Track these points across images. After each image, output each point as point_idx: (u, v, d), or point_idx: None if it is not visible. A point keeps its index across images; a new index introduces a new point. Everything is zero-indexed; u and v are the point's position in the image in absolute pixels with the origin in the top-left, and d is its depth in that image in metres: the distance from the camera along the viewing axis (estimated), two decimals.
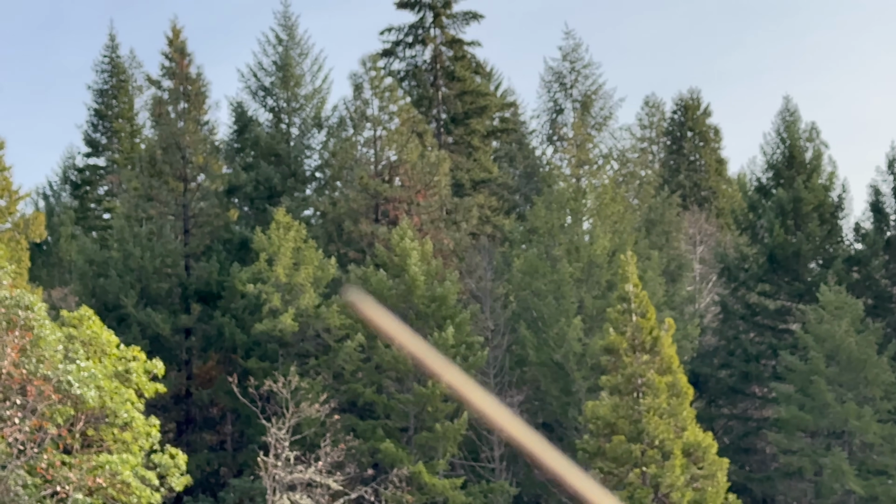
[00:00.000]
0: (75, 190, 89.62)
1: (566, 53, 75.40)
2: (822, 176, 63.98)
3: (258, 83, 70.40)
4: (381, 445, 50.20)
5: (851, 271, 62.32)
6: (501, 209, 72.23)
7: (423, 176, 62.24)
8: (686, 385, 45.19)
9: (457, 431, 50.87)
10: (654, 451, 43.60)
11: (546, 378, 55.35)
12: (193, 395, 58.22)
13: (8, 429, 34.21)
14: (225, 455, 57.80)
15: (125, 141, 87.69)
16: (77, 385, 34.85)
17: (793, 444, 55.28)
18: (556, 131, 75.70)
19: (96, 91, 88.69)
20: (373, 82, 62.78)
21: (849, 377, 54.25)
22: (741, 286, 64.67)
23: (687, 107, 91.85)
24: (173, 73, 62.49)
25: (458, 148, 74.38)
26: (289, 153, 66.97)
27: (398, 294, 53.87)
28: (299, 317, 53.10)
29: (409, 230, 55.44)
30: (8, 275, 36.43)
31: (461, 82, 74.71)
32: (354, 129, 63.60)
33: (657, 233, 68.37)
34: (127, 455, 36.03)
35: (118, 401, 36.48)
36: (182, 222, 61.33)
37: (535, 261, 56.57)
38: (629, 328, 44.96)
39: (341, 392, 52.87)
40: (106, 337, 38.03)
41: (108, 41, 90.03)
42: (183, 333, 58.76)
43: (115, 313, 56.54)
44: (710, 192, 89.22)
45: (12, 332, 34.47)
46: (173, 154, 60.82)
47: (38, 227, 61.97)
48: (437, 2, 74.87)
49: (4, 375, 34.02)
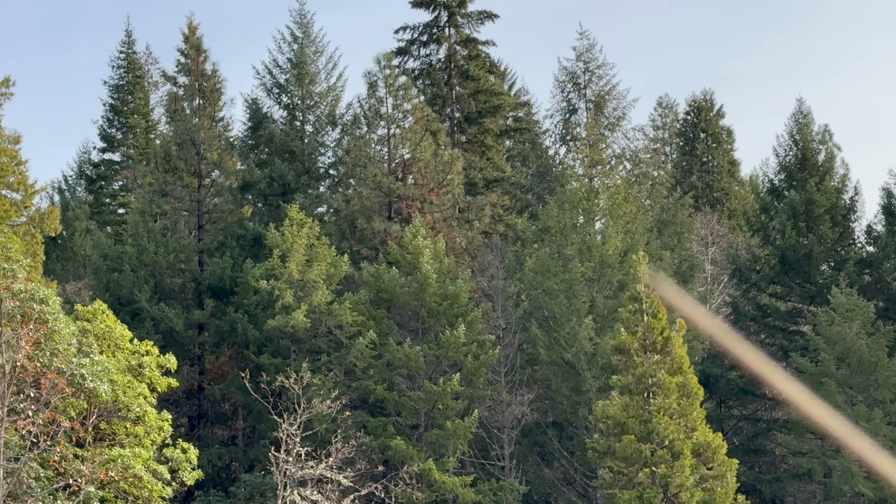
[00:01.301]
0: (90, 185, 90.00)
1: (580, 54, 75.45)
2: (834, 178, 63.99)
3: (273, 80, 70.63)
4: (392, 442, 50.37)
5: (863, 274, 62.34)
6: (514, 208, 72.35)
7: (436, 174, 62.41)
8: (696, 385, 45.26)
9: (467, 429, 51.00)
10: (664, 452, 43.70)
11: (557, 377, 55.47)
12: (206, 390, 58.45)
13: (21, 421, 34.46)
14: (236, 450, 58.02)
15: (140, 136, 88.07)
16: (90, 379, 35.08)
17: (802, 446, 55.32)
18: (570, 131, 75.78)
19: (112, 86, 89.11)
20: (387, 80, 62.97)
21: (859, 379, 54.27)
22: (752, 287, 64.72)
23: (700, 108, 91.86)
24: (189, 69, 62.74)
25: (471, 147, 74.53)
26: (303, 150, 67.18)
27: (410, 292, 54.05)
28: (311, 313, 53.28)
29: (422, 228, 55.59)
30: (23, 268, 36.67)
31: (475, 81, 74.86)
32: (368, 127, 63.78)
33: (669, 233, 68.43)
34: (139, 449, 36.26)
35: (131, 395, 36.71)
36: (196, 218, 61.58)
37: (546, 260, 56.70)
38: (640, 328, 45.07)
39: (353, 389, 53.06)
40: (119, 331, 38.26)
41: (125, 37, 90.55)
42: (196, 329, 58.99)
43: (128, 308, 56.81)
44: (723, 194, 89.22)
45: (27, 326, 34.71)
46: (188, 150, 61.07)
47: (54, 221, 62.30)
48: (451, 1, 75.05)
49: (19, 368, 34.26)
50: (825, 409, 10.85)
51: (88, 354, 35.95)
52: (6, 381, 33.75)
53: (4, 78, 60.14)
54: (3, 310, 34.33)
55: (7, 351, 33.93)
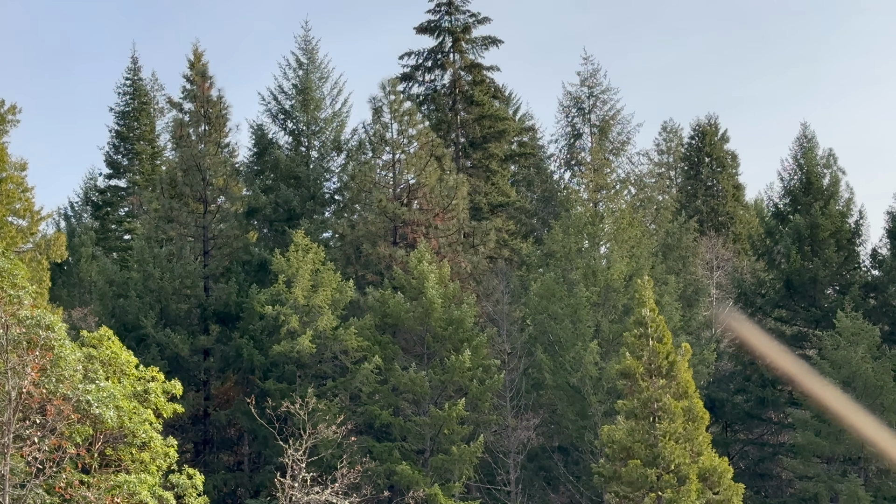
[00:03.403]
0: (96, 211, 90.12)
1: (584, 79, 75.59)
2: (839, 202, 64.01)
3: (278, 106, 70.87)
4: (398, 467, 50.33)
5: (868, 298, 62.29)
6: (519, 233, 72.41)
7: (441, 199, 62.50)
8: (702, 410, 45.21)
9: (473, 454, 50.97)
10: (670, 476, 43.63)
11: (562, 402, 55.44)
12: (211, 416, 58.45)
13: (27, 448, 34.46)
14: (242, 476, 57.97)
15: (146, 163, 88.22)
16: (96, 405, 35.08)
17: (809, 470, 55.22)
18: (574, 156, 75.88)
19: (118, 113, 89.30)
20: (392, 106, 63.13)
21: (865, 403, 54.18)
22: (758, 311, 64.66)
23: (704, 132, 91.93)
24: (194, 95, 62.93)
25: (476, 172, 74.66)
26: (308, 176, 67.33)
27: (415, 317, 54.08)
28: (317, 338, 53.33)
29: (427, 253, 55.67)
30: (29, 295, 36.72)
31: (480, 106, 75.05)
32: (373, 153, 63.94)
33: (674, 258, 68.43)
34: (145, 475, 36.21)
35: (136, 421, 36.69)
36: (202, 244, 61.68)
37: (552, 285, 56.73)
38: (645, 353, 45.05)
39: (358, 414, 53.06)
40: (125, 357, 38.26)
41: (131, 64, 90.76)
42: (201, 354, 59.03)
43: (134, 334, 56.87)
44: (727, 218, 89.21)
45: (33, 352, 34.73)
46: (194, 176, 61.22)
47: (59, 247, 62.33)
48: (456, 27, 75.32)
49: (24, 395, 34.29)
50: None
51: (94, 380, 35.96)
52: (12, 408, 33.77)
53: (11, 105, 60.31)
54: (9, 336, 34.36)
55: (13, 377, 33.95)
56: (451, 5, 75.73)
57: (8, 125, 59.93)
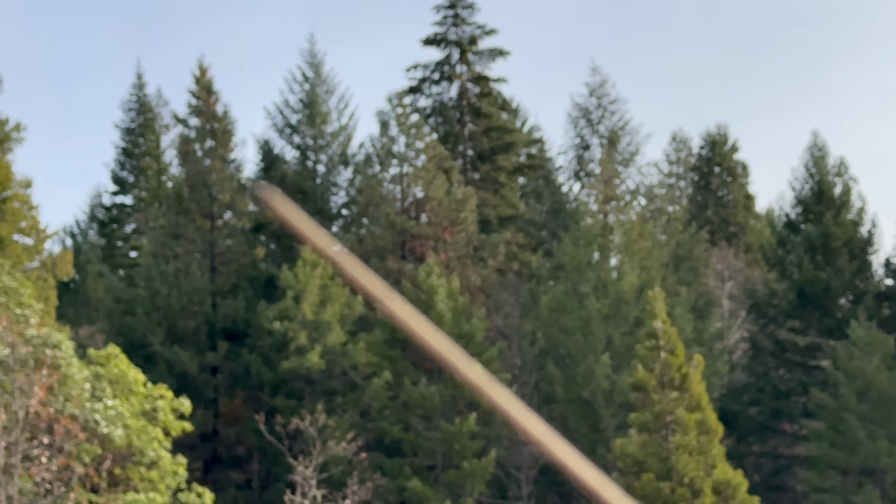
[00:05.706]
0: (102, 228, 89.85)
1: (593, 89, 75.41)
2: (851, 211, 63.62)
3: (285, 121, 70.65)
4: (409, 484, 49.97)
5: (882, 307, 61.82)
6: (528, 245, 72.06)
7: (449, 212, 62.18)
8: (715, 422, 44.85)
9: (484, 469, 50.60)
10: (684, 490, 43.23)
11: (574, 415, 55.03)
12: (220, 434, 58.12)
13: (35, 468, 34.15)
14: (252, 493, 57.62)
15: (152, 179, 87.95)
16: (104, 424, 34.80)
17: (824, 482, 54.74)
18: (583, 167, 75.63)
19: (123, 129, 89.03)
20: (399, 119, 62.87)
21: (880, 414, 53.74)
22: (770, 322, 64.26)
23: (714, 142, 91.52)
24: (200, 111, 62.74)
25: (484, 184, 74.35)
26: (315, 190, 67.08)
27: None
28: (326, 354, 53.00)
29: (436, 267, 55.35)
30: (35, 313, 36.47)
31: (487, 118, 74.75)
32: (381, 166, 63.68)
33: (685, 269, 68.05)
34: (154, 494, 35.92)
35: (145, 439, 36.41)
36: (209, 260, 61.41)
37: (562, 297, 56.37)
38: (658, 365, 44.69)
39: (368, 430, 52.69)
40: (133, 375, 38.00)
41: (136, 80, 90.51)
42: (210, 371, 58.72)
43: (141, 351, 56.54)
44: (739, 228, 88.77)
45: (40, 371, 34.46)
46: (200, 192, 60.95)
47: (66, 265, 62.02)
48: (463, 39, 75.06)
49: (32, 414, 33.99)
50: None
51: (102, 399, 35.70)
52: (20, 428, 33.48)
53: (16, 123, 60.06)
54: (16, 355, 34.09)
55: (20, 397, 33.67)
56: (457, 17, 75.48)
57: (13, 143, 59.70)
